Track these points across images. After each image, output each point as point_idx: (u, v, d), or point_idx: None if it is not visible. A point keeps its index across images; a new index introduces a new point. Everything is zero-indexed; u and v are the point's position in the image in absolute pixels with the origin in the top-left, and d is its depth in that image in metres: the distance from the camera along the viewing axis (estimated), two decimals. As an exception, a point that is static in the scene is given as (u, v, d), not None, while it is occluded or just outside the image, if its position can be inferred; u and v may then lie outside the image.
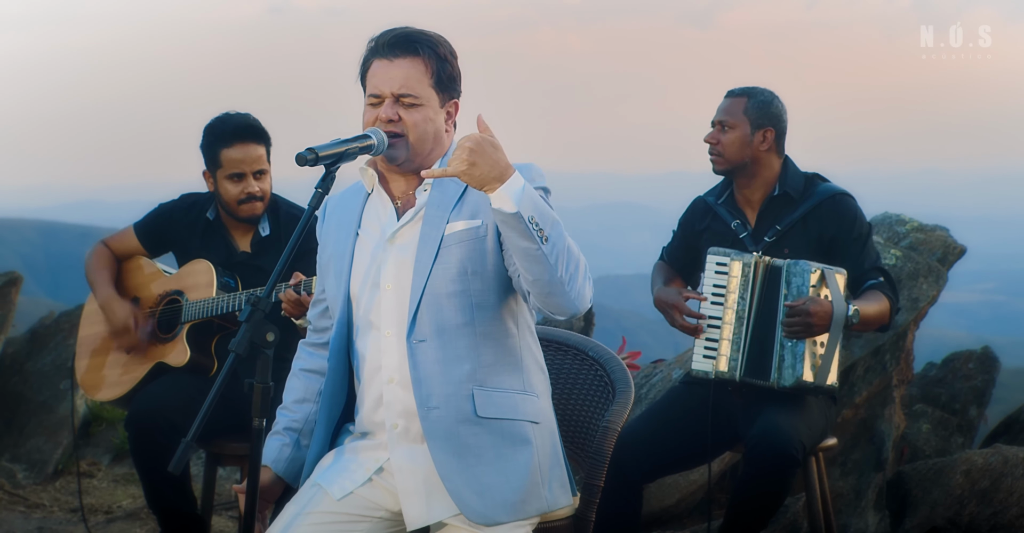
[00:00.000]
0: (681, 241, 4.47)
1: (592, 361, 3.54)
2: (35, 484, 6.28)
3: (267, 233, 4.43)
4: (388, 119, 2.96)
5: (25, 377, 6.73)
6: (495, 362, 2.98)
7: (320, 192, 2.88)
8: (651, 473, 4.18)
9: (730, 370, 4.14)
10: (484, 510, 2.92)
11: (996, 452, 5.00)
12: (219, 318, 4.31)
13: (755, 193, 4.27)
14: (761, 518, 4.02)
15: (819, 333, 4.03)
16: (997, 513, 4.84)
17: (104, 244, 4.66)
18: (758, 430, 3.98)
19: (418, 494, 2.95)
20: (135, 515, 5.71)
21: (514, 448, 2.97)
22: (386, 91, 2.97)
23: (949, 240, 5.48)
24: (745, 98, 4.25)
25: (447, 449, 2.93)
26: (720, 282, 4.17)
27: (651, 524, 5.20)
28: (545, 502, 3.00)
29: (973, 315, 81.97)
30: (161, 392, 4.28)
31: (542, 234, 2.77)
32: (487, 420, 2.95)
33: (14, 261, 61.40)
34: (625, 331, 8.73)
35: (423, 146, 2.99)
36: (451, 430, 2.93)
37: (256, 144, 4.37)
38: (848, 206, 4.22)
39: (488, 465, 2.94)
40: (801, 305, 4.00)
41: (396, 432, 2.98)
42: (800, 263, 4.06)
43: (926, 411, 5.71)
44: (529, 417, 3.01)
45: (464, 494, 2.91)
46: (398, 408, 2.97)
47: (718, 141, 4.24)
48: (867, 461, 5.32)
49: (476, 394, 2.95)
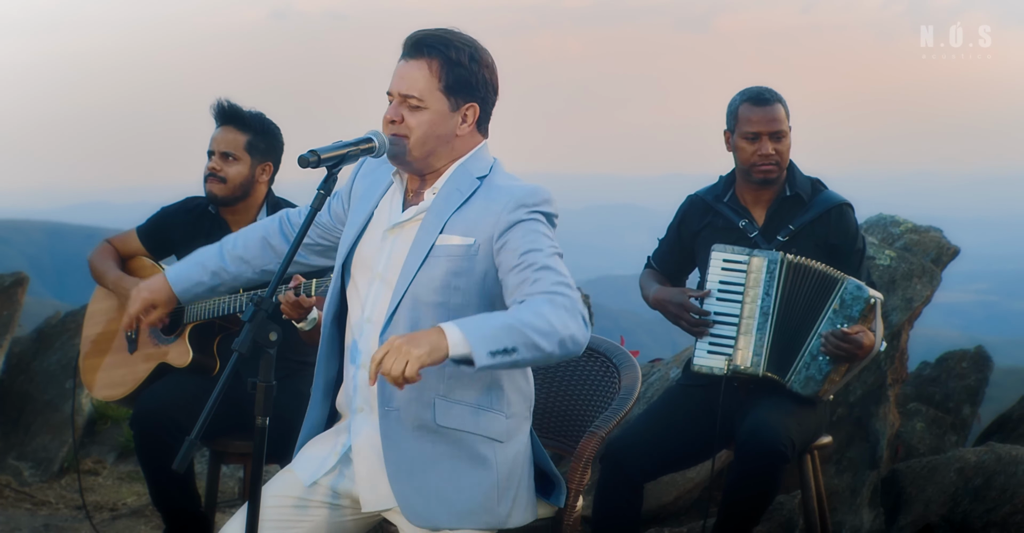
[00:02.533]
0: (674, 243, 4.44)
1: (612, 366, 3.54)
2: (41, 482, 6.29)
3: None
4: (391, 120, 2.99)
5: (31, 376, 6.73)
6: (463, 376, 2.93)
7: (322, 193, 2.89)
8: (651, 472, 4.17)
9: (753, 365, 4.12)
10: (425, 513, 2.93)
11: (989, 450, 5.04)
12: (221, 319, 4.33)
13: (766, 193, 4.26)
14: (752, 515, 4.03)
15: (852, 362, 4.07)
16: (990, 510, 4.86)
17: (108, 242, 4.70)
18: (747, 428, 3.99)
19: (369, 480, 2.98)
20: (140, 512, 5.73)
21: (471, 462, 2.95)
22: (394, 91, 3.00)
23: (943, 241, 5.50)
24: (780, 105, 4.20)
25: (400, 450, 2.94)
26: (731, 279, 4.15)
27: (649, 521, 5.21)
28: (496, 518, 2.98)
29: (966, 315, 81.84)
30: (165, 392, 4.30)
31: (507, 350, 2.73)
32: (446, 429, 2.95)
33: (20, 262, 61.31)
34: (623, 330, 8.74)
35: (422, 149, 2.98)
36: (407, 433, 2.94)
37: (235, 129, 4.46)
38: (852, 219, 4.25)
39: (438, 473, 2.94)
40: (855, 335, 3.99)
41: (360, 415, 3.01)
42: (862, 287, 4.04)
43: (920, 410, 5.73)
44: (491, 434, 2.98)
45: (408, 494, 2.93)
46: (365, 393, 3.00)
47: (776, 152, 4.17)
48: (862, 459, 5.34)
49: (437, 403, 2.94)
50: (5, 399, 6.67)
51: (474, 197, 2.98)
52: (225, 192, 4.45)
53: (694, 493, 5.31)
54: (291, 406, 4.13)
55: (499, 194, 2.95)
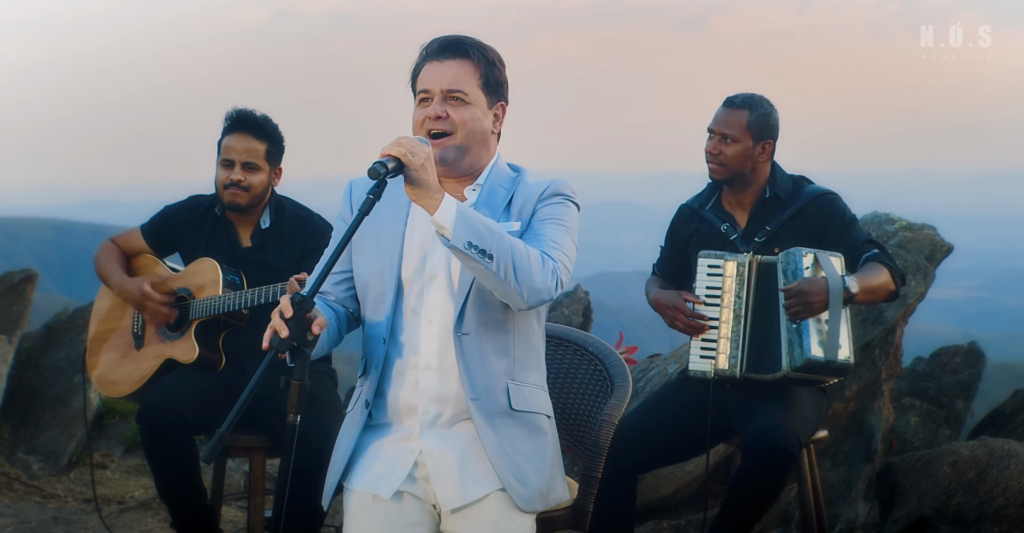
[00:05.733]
0: (671, 252, 4.50)
1: (592, 356, 3.59)
2: (50, 475, 6.33)
3: (267, 225, 4.49)
4: (436, 116, 2.97)
5: (40, 371, 6.76)
6: (525, 358, 3.05)
7: (372, 199, 2.81)
8: (645, 464, 4.22)
9: (731, 367, 4.18)
10: (527, 496, 3.00)
11: (982, 444, 5.04)
12: (226, 315, 4.36)
13: (747, 196, 4.33)
14: (757, 511, 4.07)
15: (820, 310, 4.05)
16: (983, 503, 4.88)
17: (112, 241, 4.71)
18: (755, 427, 4.03)
19: (452, 476, 2.99)
20: (147, 505, 5.76)
21: (539, 440, 3.05)
22: (435, 88, 2.99)
23: (937, 238, 5.50)
24: (747, 111, 4.26)
25: (491, 437, 2.99)
26: (714, 284, 4.22)
27: (647, 514, 5.24)
28: (558, 493, 3.10)
29: (960, 311, 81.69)
30: (171, 387, 4.33)
31: (485, 253, 2.80)
32: (519, 413, 3.03)
33: (30, 259, 61.22)
34: (622, 326, 8.77)
35: (471, 143, 3.00)
36: (491, 421, 3.00)
37: (253, 137, 4.44)
38: (834, 202, 4.28)
39: (523, 454, 3.02)
40: (796, 286, 4.04)
41: (427, 418, 3.01)
42: (792, 251, 4.11)
43: (914, 404, 5.75)
44: (546, 411, 3.10)
45: (509, 480, 2.99)
46: (432, 394, 3.00)
47: (720, 152, 4.26)
48: (857, 453, 5.37)
49: (510, 388, 3.01)
50: (15, 394, 6.70)
51: (517, 189, 3.05)
52: (248, 201, 4.45)
53: (692, 486, 5.34)
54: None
55: (537, 185, 3.04)
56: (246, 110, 4.49)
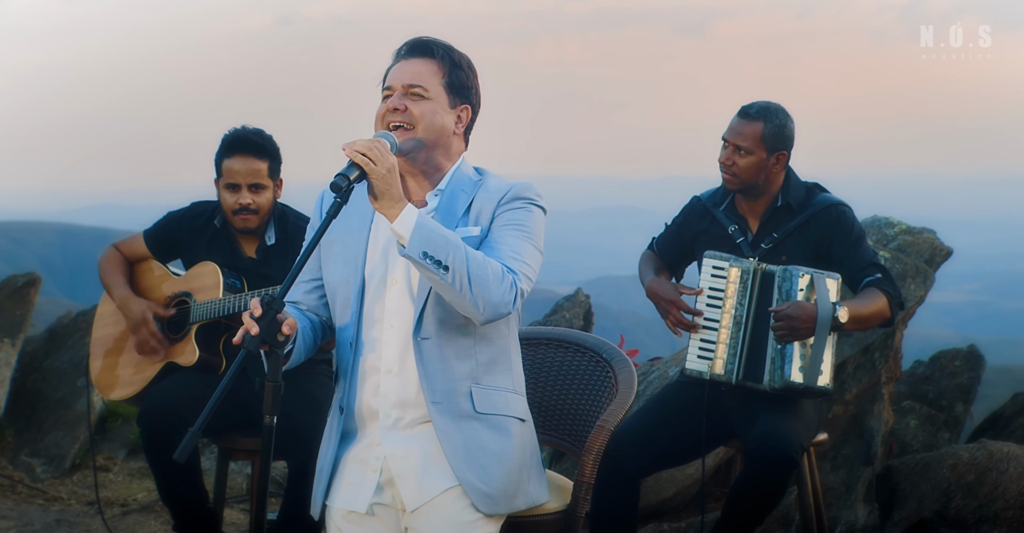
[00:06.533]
0: (675, 236, 4.49)
1: (604, 362, 3.60)
2: (53, 478, 6.31)
3: (273, 242, 4.48)
4: (394, 108, 3.04)
5: (44, 375, 6.76)
6: (491, 361, 3.07)
7: (339, 202, 2.88)
8: (647, 468, 4.22)
9: (726, 373, 4.19)
10: (488, 495, 3.01)
11: (981, 447, 5.07)
12: (226, 318, 4.36)
13: (759, 205, 4.32)
14: (758, 515, 4.08)
15: (806, 336, 4.06)
16: (982, 506, 4.91)
17: (115, 247, 4.72)
18: (759, 433, 4.03)
19: (414, 476, 3.02)
20: (150, 508, 5.77)
21: (508, 442, 3.06)
22: (397, 84, 3.07)
23: (936, 242, 5.51)
24: (761, 123, 4.23)
25: (453, 440, 3.01)
26: (717, 285, 4.22)
27: (648, 517, 5.24)
28: (529, 497, 3.11)
29: (959, 315, 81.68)
30: (172, 390, 4.34)
31: (440, 264, 2.85)
32: (485, 415, 3.05)
33: (33, 262, 61.34)
34: (623, 330, 8.80)
35: (430, 137, 3.05)
36: (456, 423, 3.02)
37: (255, 158, 4.41)
38: (843, 214, 4.26)
39: (491, 455, 3.03)
40: (785, 309, 4.05)
41: (388, 422, 3.05)
42: (790, 269, 4.11)
43: (914, 407, 5.76)
44: (518, 414, 3.11)
45: (469, 479, 3.00)
46: (393, 399, 3.04)
47: (733, 163, 4.25)
48: (857, 456, 5.38)
49: (474, 391, 3.04)
50: (18, 397, 6.69)
51: (478, 193, 3.08)
52: (259, 222, 4.44)
53: (693, 489, 5.34)
54: (298, 404, 4.19)
55: (498, 189, 3.08)
56: (243, 130, 4.46)
